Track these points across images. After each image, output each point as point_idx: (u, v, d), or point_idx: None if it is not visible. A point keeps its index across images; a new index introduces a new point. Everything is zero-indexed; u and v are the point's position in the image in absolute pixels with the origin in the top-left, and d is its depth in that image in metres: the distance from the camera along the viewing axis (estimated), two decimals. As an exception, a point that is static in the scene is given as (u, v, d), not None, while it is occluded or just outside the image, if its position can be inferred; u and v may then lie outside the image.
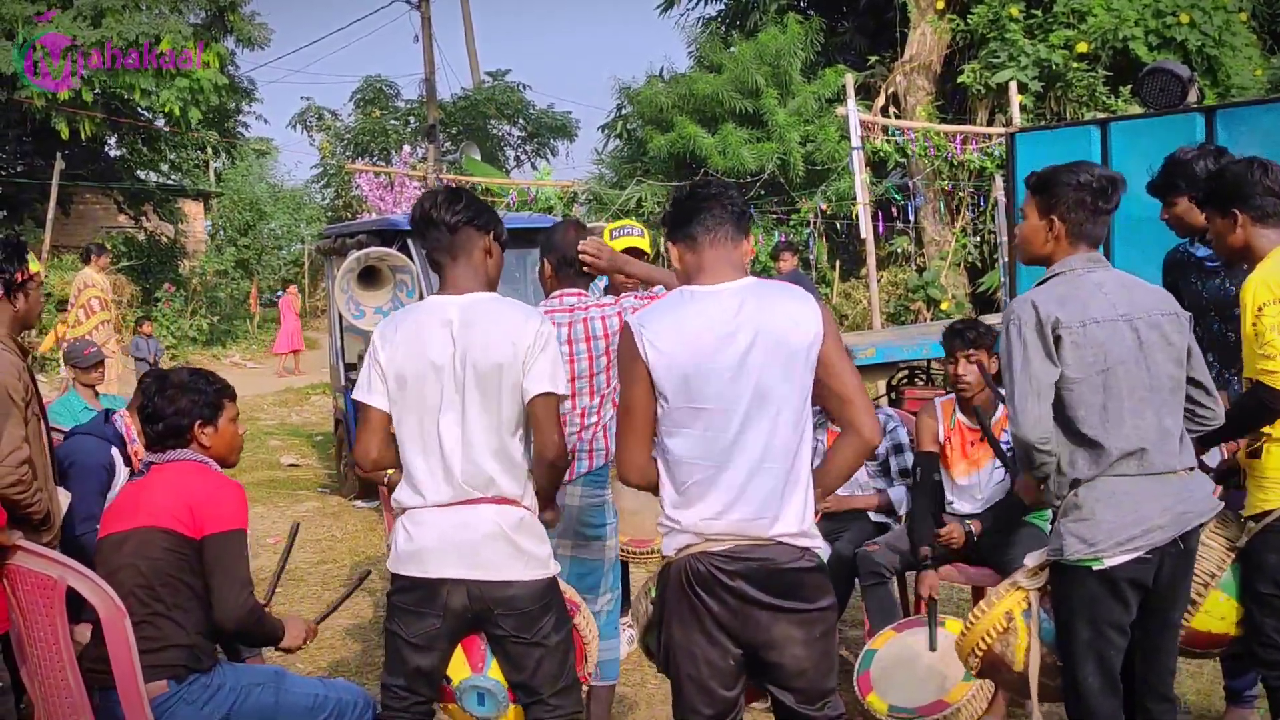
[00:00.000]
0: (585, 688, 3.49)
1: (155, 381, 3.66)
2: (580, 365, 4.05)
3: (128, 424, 4.37)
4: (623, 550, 4.73)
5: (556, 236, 4.23)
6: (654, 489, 2.97)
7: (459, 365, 3.09)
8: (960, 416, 4.79)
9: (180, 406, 3.56)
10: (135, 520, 3.43)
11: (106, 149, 22.70)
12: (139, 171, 23.78)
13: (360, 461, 3.24)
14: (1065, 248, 3.26)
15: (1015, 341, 3.17)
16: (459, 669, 3.22)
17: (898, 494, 5.10)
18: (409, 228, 9.10)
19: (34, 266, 3.83)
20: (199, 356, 19.98)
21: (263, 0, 31.85)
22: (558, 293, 4.14)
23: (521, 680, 3.20)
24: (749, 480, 2.83)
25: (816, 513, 2.95)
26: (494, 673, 3.22)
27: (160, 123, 20.77)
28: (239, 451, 3.77)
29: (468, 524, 3.09)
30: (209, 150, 25.89)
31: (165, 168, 25.02)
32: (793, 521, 2.86)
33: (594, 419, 4.08)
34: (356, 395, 3.22)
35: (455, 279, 3.21)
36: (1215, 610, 3.56)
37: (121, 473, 4.31)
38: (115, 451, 4.28)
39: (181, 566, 3.39)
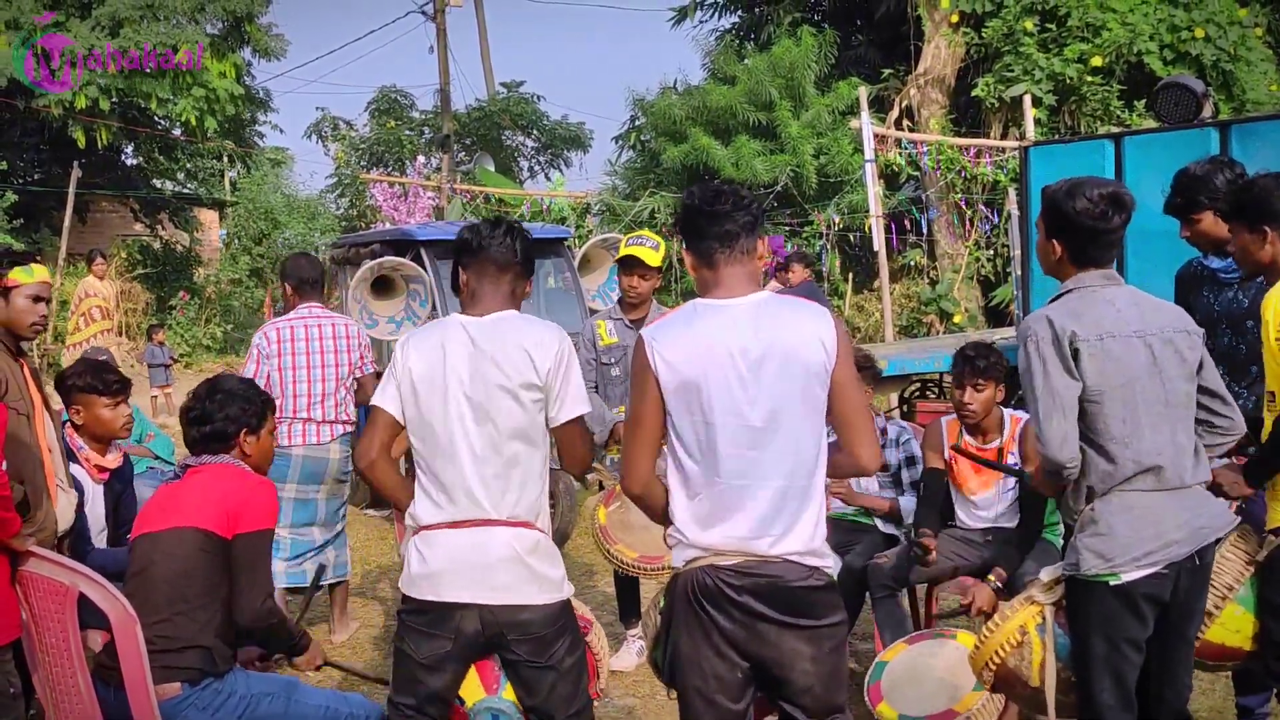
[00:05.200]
0: (595, 702, 3.49)
1: (207, 387, 3.78)
2: (332, 359, 5.66)
3: (71, 435, 4.39)
4: (633, 566, 4.73)
5: (290, 265, 5.88)
6: (651, 503, 2.97)
7: (478, 384, 3.10)
8: (967, 437, 4.77)
9: (230, 413, 3.69)
10: (170, 520, 3.50)
11: (123, 158, 22.81)
12: (155, 180, 23.89)
13: (357, 458, 3.27)
14: (1071, 269, 3.26)
15: (1034, 359, 3.15)
16: (473, 691, 3.20)
17: (908, 503, 5.09)
18: (423, 238, 9.17)
19: (24, 277, 3.79)
20: (213, 364, 20.04)
21: (279, 11, 32.03)
22: (304, 306, 5.68)
23: (535, 704, 3.19)
24: (759, 496, 2.82)
25: (827, 492, 2.94)
26: (508, 694, 3.20)
27: (177, 132, 20.89)
28: (271, 461, 3.88)
29: (482, 546, 3.09)
30: (225, 159, 26.02)
31: (181, 176, 25.13)
32: (802, 540, 2.85)
33: (343, 394, 5.70)
34: (373, 399, 3.25)
35: (487, 303, 3.22)
36: (1231, 623, 3.53)
37: (87, 484, 4.33)
38: (74, 467, 4.30)
39: (211, 566, 3.44)
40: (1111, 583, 3.12)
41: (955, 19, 16.13)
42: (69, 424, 4.46)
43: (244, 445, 3.73)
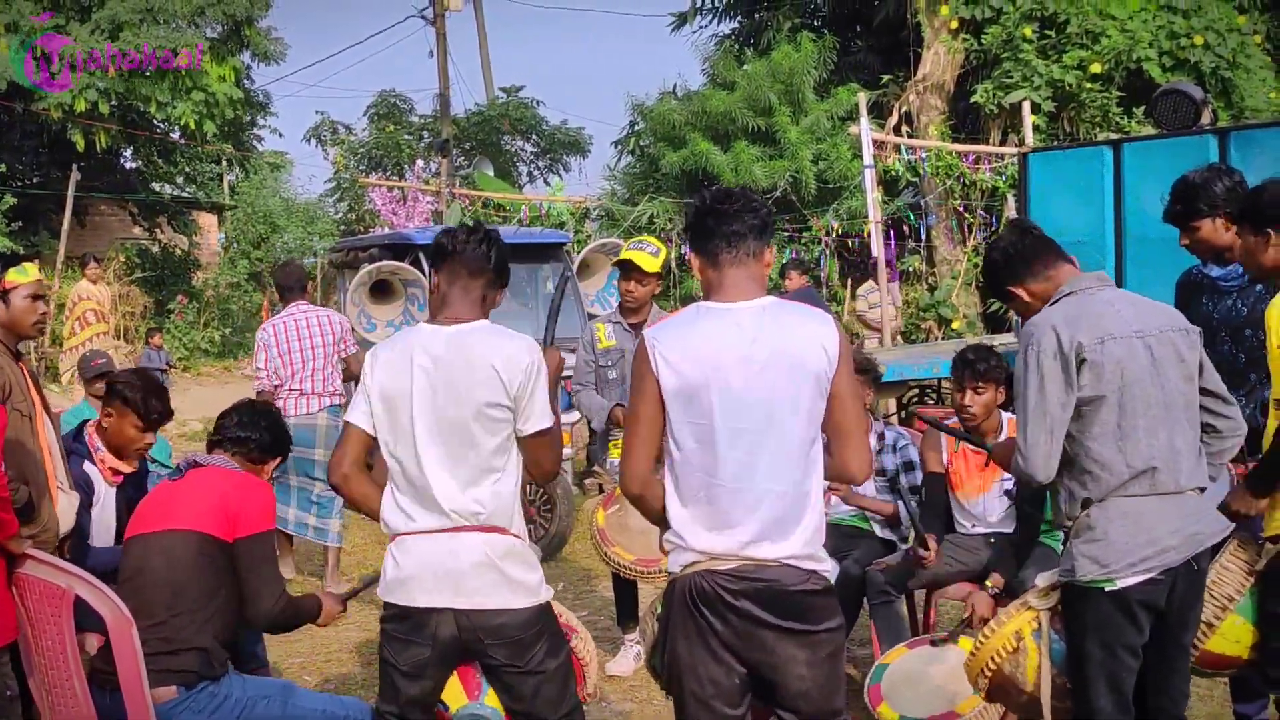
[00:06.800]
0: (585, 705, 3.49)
1: (266, 409, 4.02)
2: (320, 342, 6.89)
3: (91, 435, 4.39)
4: (630, 568, 4.73)
5: (277, 274, 7.58)
6: (651, 502, 2.96)
7: (445, 394, 3.07)
8: (967, 441, 4.76)
9: (274, 436, 3.89)
10: (168, 522, 3.51)
11: (122, 161, 22.78)
12: (154, 183, 23.87)
13: (329, 472, 3.26)
14: (1054, 280, 3.29)
15: (1032, 371, 3.14)
16: (455, 697, 3.20)
17: (905, 510, 5.07)
18: (422, 242, 9.35)
19: (19, 277, 3.84)
20: (211, 368, 20.03)
21: (279, 15, 32.02)
22: (293, 305, 7.01)
23: (523, 709, 3.18)
24: (756, 501, 2.82)
25: (827, 492, 2.95)
26: (491, 700, 3.19)
27: (176, 135, 20.88)
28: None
29: (454, 552, 3.07)
30: (223, 163, 25.99)
31: (180, 180, 25.10)
32: (799, 544, 2.84)
33: (330, 371, 6.92)
34: (345, 414, 3.24)
35: (456, 310, 3.19)
36: (1230, 633, 3.53)
37: (100, 485, 4.34)
38: (88, 466, 4.31)
39: (209, 569, 3.45)
40: (1107, 589, 3.12)
41: (954, 25, 16.15)
42: (92, 422, 4.48)
43: (267, 469, 3.86)
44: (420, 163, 23.29)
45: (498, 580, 3.09)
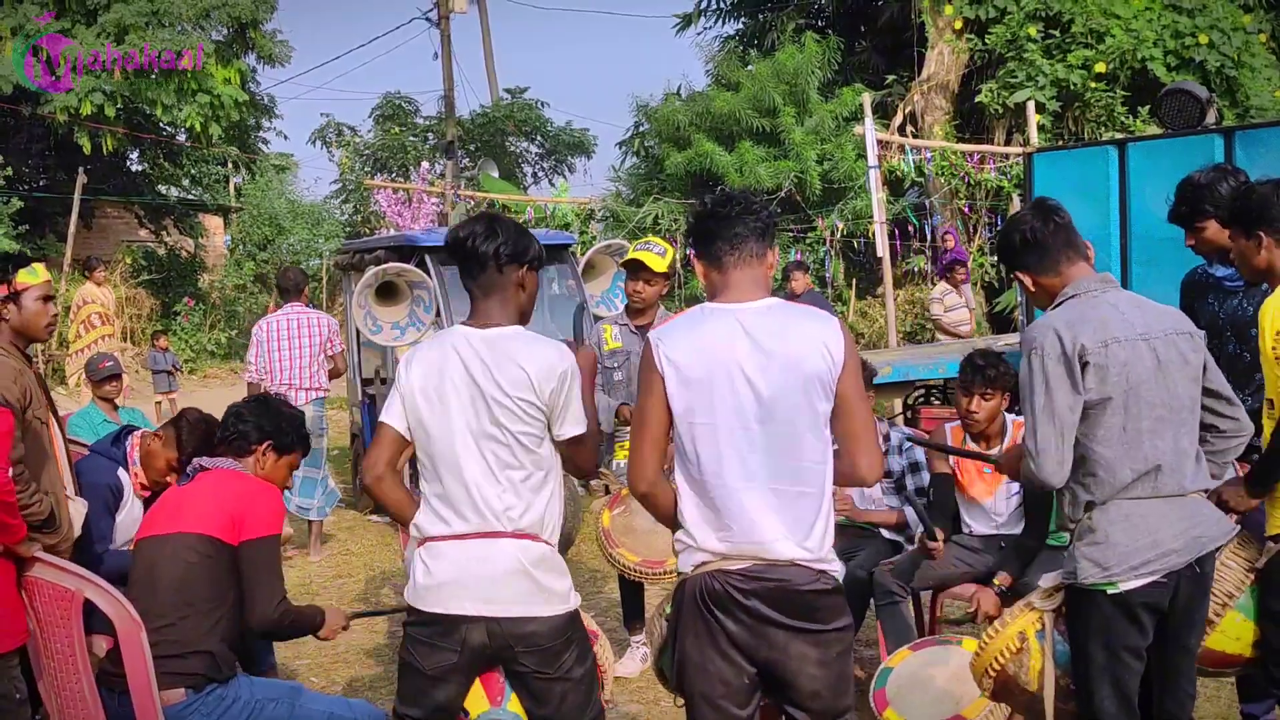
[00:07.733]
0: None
1: (257, 399, 3.96)
2: (307, 341, 7.76)
3: (134, 446, 4.40)
4: (635, 570, 4.73)
5: (278, 277, 8.44)
6: (658, 503, 2.96)
7: (479, 399, 3.05)
8: (971, 444, 4.77)
9: (263, 424, 3.79)
10: (176, 525, 3.52)
11: (128, 164, 22.86)
12: (160, 186, 23.94)
13: (363, 472, 3.21)
14: (1064, 276, 3.28)
15: (1037, 375, 3.13)
16: (477, 702, 3.18)
17: (911, 514, 5.08)
18: (427, 244, 9.35)
19: (30, 279, 3.82)
20: (217, 370, 20.08)
21: (284, 18, 32.07)
22: (288, 306, 7.90)
23: (547, 715, 3.16)
24: (765, 501, 2.83)
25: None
26: (513, 706, 3.18)
27: (181, 138, 20.93)
28: (279, 484, 3.89)
29: (488, 559, 3.05)
30: (229, 165, 26.06)
31: (186, 182, 25.18)
32: (809, 544, 2.84)
33: (316, 368, 7.78)
34: (381, 415, 3.21)
35: (486, 310, 3.16)
36: (1231, 630, 3.53)
37: (129, 494, 4.35)
38: (122, 472, 4.32)
39: (216, 572, 3.46)
40: (1109, 591, 3.12)
41: (959, 25, 16.15)
42: (138, 434, 4.49)
43: (261, 458, 3.76)
44: (425, 164, 23.32)
45: (530, 588, 3.07)
